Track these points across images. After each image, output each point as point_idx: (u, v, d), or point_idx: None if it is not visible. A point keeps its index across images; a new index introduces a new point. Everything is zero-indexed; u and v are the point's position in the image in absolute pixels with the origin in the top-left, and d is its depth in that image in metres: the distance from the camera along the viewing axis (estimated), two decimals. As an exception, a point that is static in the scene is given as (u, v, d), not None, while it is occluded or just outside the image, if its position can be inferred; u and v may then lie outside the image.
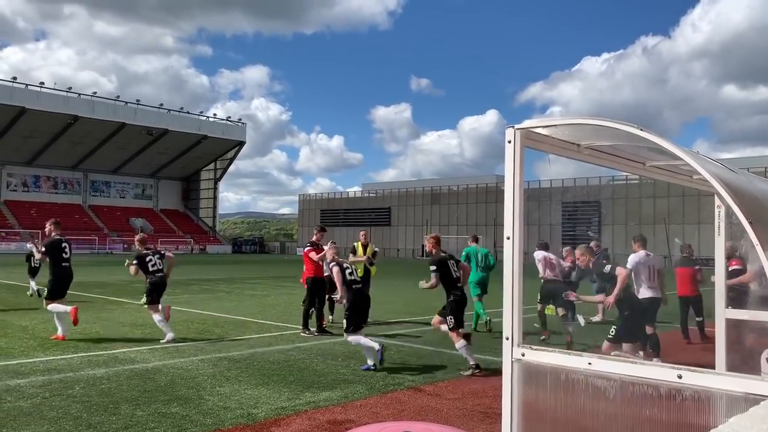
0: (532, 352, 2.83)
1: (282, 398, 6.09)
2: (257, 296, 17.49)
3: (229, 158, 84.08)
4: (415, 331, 10.98)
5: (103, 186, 79.40)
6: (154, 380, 6.75)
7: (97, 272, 27.86)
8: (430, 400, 6.14)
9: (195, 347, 8.90)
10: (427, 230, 71.40)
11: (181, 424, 5.19)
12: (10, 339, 9.28)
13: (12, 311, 12.75)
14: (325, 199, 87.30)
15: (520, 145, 2.83)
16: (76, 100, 67.43)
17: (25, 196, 72.36)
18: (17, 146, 68.52)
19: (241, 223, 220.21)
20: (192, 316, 12.60)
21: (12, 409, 5.52)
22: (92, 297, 16.11)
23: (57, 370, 7.21)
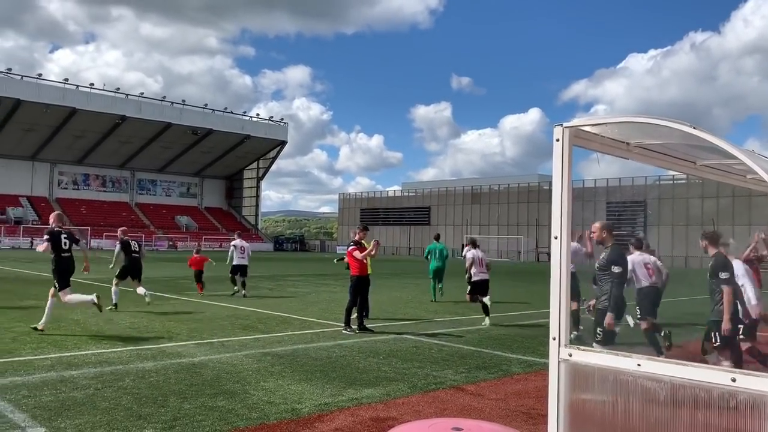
0: (579, 353, 2.81)
1: (325, 394, 6.16)
2: (299, 293, 17.70)
3: (271, 157, 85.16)
4: (457, 331, 10.95)
5: (149, 184, 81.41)
6: (200, 374, 6.90)
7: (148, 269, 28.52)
8: (472, 400, 6.13)
9: (239, 343, 9.06)
10: (467, 230, 71.09)
11: (228, 417, 5.30)
12: (63, 332, 9.61)
13: (64, 305, 13.14)
14: (365, 198, 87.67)
15: (568, 143, 2.81)
16: (123, 101, 69.27)
17: (75, 194, 74.71)
18: (68, 145, 70.79)
19: (283, 221, 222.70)
20: (236, 312, 12.83)
21: (67, 399, 5.72)
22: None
23: (108, 362, 7.44)
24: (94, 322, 10.69)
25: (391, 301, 15.61)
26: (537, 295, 18.32)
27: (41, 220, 67.25)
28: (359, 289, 10.62)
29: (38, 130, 66.57)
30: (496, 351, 8.87)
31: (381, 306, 14.47)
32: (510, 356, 8.52)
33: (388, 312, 13.48)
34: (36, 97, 62.24)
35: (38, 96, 62.56)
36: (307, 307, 13.91)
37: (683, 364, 2.45)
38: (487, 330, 11.01)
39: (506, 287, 22.35)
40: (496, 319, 12.39)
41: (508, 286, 23.50)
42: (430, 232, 76.32)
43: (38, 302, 13.58)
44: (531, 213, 68.96)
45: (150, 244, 66.10)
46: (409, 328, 11.11)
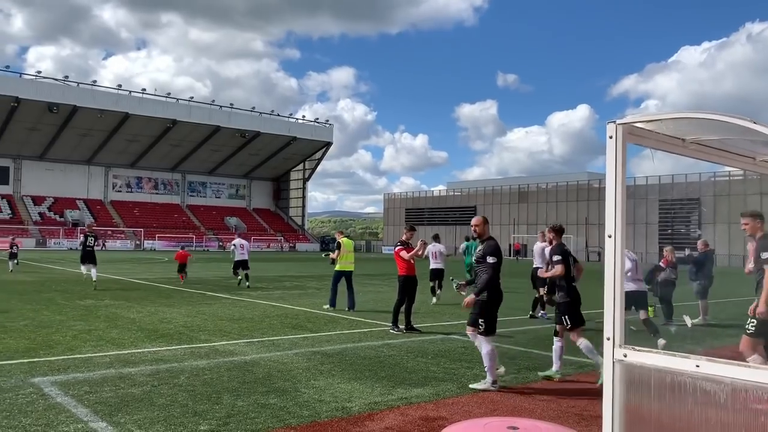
0: (634, 353, 2.75)
1: (374, 393, 6.20)
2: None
3: (317, 159, 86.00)
4: (506, 331, 10.84)
5: (199, 186, 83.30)
6: (252, 372, 7.04)
7: (196, 269, 29.22)
8: (522, 401, 6.07)
9: (289, 341, 9.20)
10: (515, 229, 70.28)
11: (280, 414, 5.39)
12: (120, 330, 9.93)
13: (121, 304, 13.61)
14: (410, 198, 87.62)
15: (622, 140, 2.76)
16: (174, 105, 71.06)
17: (128, 196, 77.03)
18: (122, 150, 73.04)
19: (328, 221, 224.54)
20: (286, 311, 13.02)
21: (126, 395, 5.92)
22: (192, 292, 16.95)
23: (163, 360, 7.66)
24: (149, 321, 11.01)
25: (439, 302, 15.57)
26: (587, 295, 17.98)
27: (97, 222, 69.63)
28: (407, 289, 10.63)
29: (93, 135, 68.90)
30: (546, 352, 8.75)
31: (428, 306, 14.45)
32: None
33: (436, 312, 13.46)
34: (91, 103, 64.41)
35: (93, 102, 64.73)
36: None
37: (745, 366, 2.38)
38: (536, 331, 10.87)
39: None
40: (544, 320, 12.23)
41: (557, 285, 23.13)
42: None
43: (96, 301, 14.09)
44: (580, 211, 67.71)
45: (201, 245, 67.68)
46: (457, 328, 11.06)
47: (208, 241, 70.26)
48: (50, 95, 62.05)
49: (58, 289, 16.92)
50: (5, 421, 5.05)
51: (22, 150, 68.49)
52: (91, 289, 16.65)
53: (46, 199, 70.44)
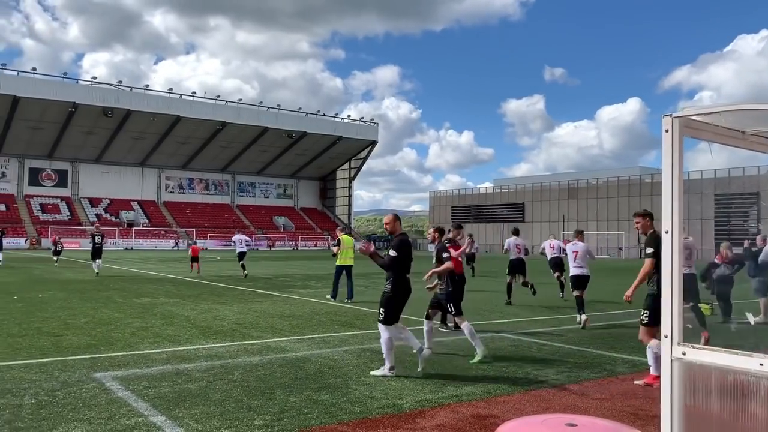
0: (693, 351, 2.69)
1: (425, 390, 6.21)
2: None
3: (363, 157, 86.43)
4: (557, 330, 10.71)
5: (248, 187, 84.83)
6: (303, 368, 7.14)
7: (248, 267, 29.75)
8: (576, 399, 5.99)
9: (339, 338, 9.30)
10: (564, 226, 69.08)
11: (332, 411, 5.46)
12: (176, 327, 10.22)
13: (176, 302, 13.98)
14: (456, 196, 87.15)
15: (678, 134, 2.70)
16: (223, 107, 72.50)
17: (180, 197, 79.02)
18: (173, 152, 74.96)
19: (374, 220, 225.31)
20: (334, 308, 13.15)
21: (183, 391, 6.09)
22: (243, 290, 17.29)
23: (218, 356, 7.84)
24: (203, 318, 11.29)
25: (487, 300, 15.47)
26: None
27: (150, 223, 71.66)
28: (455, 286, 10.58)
29: (146, 138, 70.92)
30: (599, 350, 8.61)
31: (477, 304, 14.36)
32: (614, 356, 8.25)
33: (485, 310, 13.37)
34: (144, 107, 66.33)
35: (146, 106, 66.64)
36: (403, 305, 14.02)
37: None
38: (589, 329, 10.69)
39: (607, 285, 21.55)
40: (597, 318, 12.02)
41: (610, 283, 22.66)
42: (524, 229, 75.07)
43: (152, 299, 14.52)
44: (632, 207, 65.99)
45: (250, 244, 68.94)
46: (507, 326, 10.98)
47: (257, 241, 71.48)
48: (105, 100, 64.17)
49: (116, 288, 17.50)
50: (71, 413, 5.27)
51: (79, 153, 71.04)
52: (106, 282, 17.17)
53: (102, 201, 72.89)
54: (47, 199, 69.76)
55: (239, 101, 75.35)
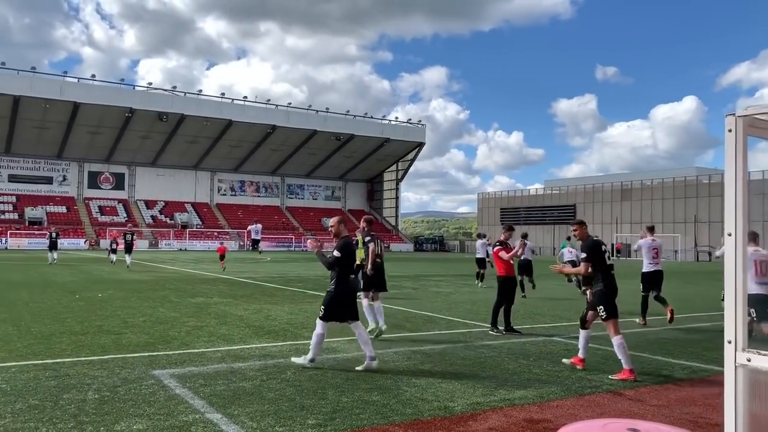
0: (759, 358, 2.61)
1: (476, 394, 6.18)
2: (442, 293, 17.81)
3: (410, 159, 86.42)
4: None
5: (297, 189, 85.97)
6: (354, 369, 7.20)
7: (296, 267, 30.20)
8: (632, 405, 5.86)
9: (389, 340, 9.33)
10: (618, 228, 67.53)
11: (383, 411, 5.49)
12: (230, 327, 10.44)
13: (229, 302, 14.28)
14: (505, 197, 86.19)
15: (742, 133, 2.62)
16: (274, 111, 73.67)
17: (232, 199, 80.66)
18: (225, 155, 76.58)
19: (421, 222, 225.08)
20: (384, 310, 13.17)
21: (237, 389, 6.23)
22: (294, 290, 17.53)
23: (270, 355, 7.98)
24: (256, 318, 11.49)
25: (538, 303, 15.27)
26: (698, 297, 17.04)
27: (204, 224, 73.37)
28: (506, 289, 10.50)
29: (200, 142, 72.66)
30: (655, 356, 8.40)
31: (528, 307, 14.20)
32: (672, 361, 8.03)
33: (536, 313, 13.20)
34: (197, 112, 67.97)
35: (199, 110, 68.29)
36: (452, 307, 13.98)
37: None
38: (645, 334, 10.44)
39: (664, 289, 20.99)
40: (654, 323, 11.72)
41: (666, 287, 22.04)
42: (575, 230, 73.60)
43: (207, 299, 14.87)
44: (689, 209, 64.13)
45: (300, 245, 69.82)
46: (559, 330, 10.81)
47: (306, 242, 72.33)
48: (160, 105, 66.06)
49: (171, 288, 17.99)
50: (132, 409, 5.45)
51: (135, 157, 73.34)
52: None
53: (158, 203, 75.01)
54: (105, 201, 72.25)
55: (289, 105, 76.41)
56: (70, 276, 22.32)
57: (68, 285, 18.39)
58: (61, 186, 71.01)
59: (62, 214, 67.29)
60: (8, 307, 12.77)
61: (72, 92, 61.95)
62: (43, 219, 65.02)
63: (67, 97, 61.18)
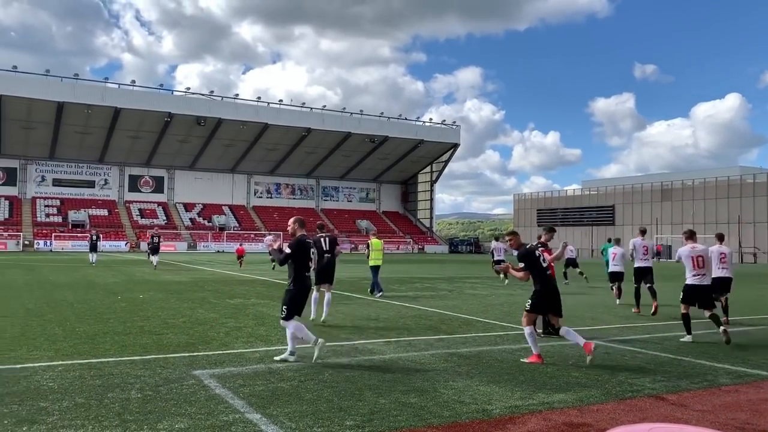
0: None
1: (515, 397, 6.12)
2: (478, 295, 17.70)
3: (444, 160, 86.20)
4: (652, 338, 10.28)
5: (332, 191, 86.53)
6: (391, 371, 7.21)
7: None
8: (674, 410, 5.73)
9: (425, 342, 9.31)
10: (658, 229, 66.15)
11: (421, 414, 5.48)
12: (268, 328, 10.56)
13: (267, 303, 14.44)
14: (541, 198, 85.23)
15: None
16: (309, 114, 74.33)
17: (268, 201, 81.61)
18: (262, 158, 77.55)
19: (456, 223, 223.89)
20: (419, 312, 13.18)
21: (276, 389, 6.29)
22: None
23: (308, 357, 8.02)
24: (293, 320, 11.58)
25: (577, 306, 15.05)
26: (743, 300, 16.58)
27: (241, 226, 74.37)
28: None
29: (236, 146, 73.72)
30: (699, 360, 8.20)
31: (566, 310, 13.99)
32: (716, 366, 7.83)
33: (574, 316, 13.01)
34: (234, 116, 69.03)
35: (236, 114, 69.35)
36: (488, 310, 13.88)
37: None
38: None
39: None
40: (695, 327, 11.44)
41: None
42: (614, 232, 72.46)
43: (244, 300, 15.05)
44: (732, 209, 62.46)
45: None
46: (598, 333, 10.64)
47: (341, 243, 72.69)
48: (198, 109, 67.28)
49: (210, 289, 18.27)
50: (174, 408, 5.56)
51: (174, 161, 74.78)
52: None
53: (196, 206, 76.34)
54: (145, 204, 73.84)
55: (323, 108, 76.98)
56: (112, 277, 22.86)
57: (110, 286, 18.83)
58: (103, 189, 72.83)
59: (104, 217, 68.99)
60: (54, 307, 13.14)
61: (113, 98, 63.52)
62: (85, 222, 66.75)
63: (109, 103, 62.76)
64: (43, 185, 69.91)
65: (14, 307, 12.97)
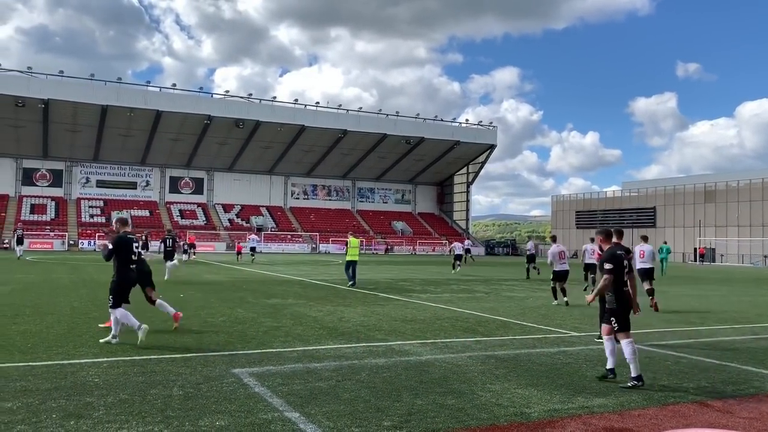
0: None
1: (554, 400, 6.05)
2: (515, 298, 17.53)
3: (481, 162, 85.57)
4: (695, 342, 10.04)
5: (368, 192, 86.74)
6: (428, 372, 7.19)
7: (367, 271, 30.44)
8: (720, 417, 5.59)
9: (462, 344, 9.26)
10: (700, 232, 64.52)
11: (458, 416, 5.46)
12: (305, 327, 10.65)
13: (303, 303, 14.56)
14: (580, 200, 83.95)
15: None
16: (345, 116, 74.68)
17: (305, 203, 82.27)
18: (298, 159, 78.21)
19: (492, 225, 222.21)
20: (456, 314, 13.12)
21: (314, 389, 6.34)
22: (365, 293, 17.68)
23: (345, 357, 8.08)
24: (330, 320, 11.67)
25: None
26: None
27: (278, 227, 75.15)
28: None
29: (274, 147, 74.51)
30: (745, 366, 7.97)
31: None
32: (763, 372, 7.60)
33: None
34: (271, 118, 69.80)
35: (273, 116, 70.10)
36: (526, 312, 13.74)
37: None
38: (732, 343, 9.93)
39: (751, 296, 19.95)
40: (741, 332, 11.14)
41: (753, 294, 20.90)
42: (656, 234, 71.02)
43: (282, 300, 15.21)
44: (778, 211, 60.52)
45: (370, 248, 70.43)
46: (638, 337, 10.42)
47: (376, 245, 72.81)
48: (237, 112, 68.21)
49: (248, 289, 18.51)
50: (214, 405, 5.65)
51: (214, 163, 75.98)
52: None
53: (234, 207, 77.40)
54: (185, 205, 75.19)
55: (359, 109, 77.24)
56: (153, 276, 23.29)
57: (152, 285, 19.20)
58: (145, 191, 74.43)
59: (146, 218, 70.49)
60: (99, 306, 13.48)
61: (154, 101, 64.87)
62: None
63: (150, 106, 64.12)
64: (88, 186, 71.79)
65: (61, 306, 13.36)
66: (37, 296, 15.21)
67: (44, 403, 5.62)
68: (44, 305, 13.34)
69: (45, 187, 69.89)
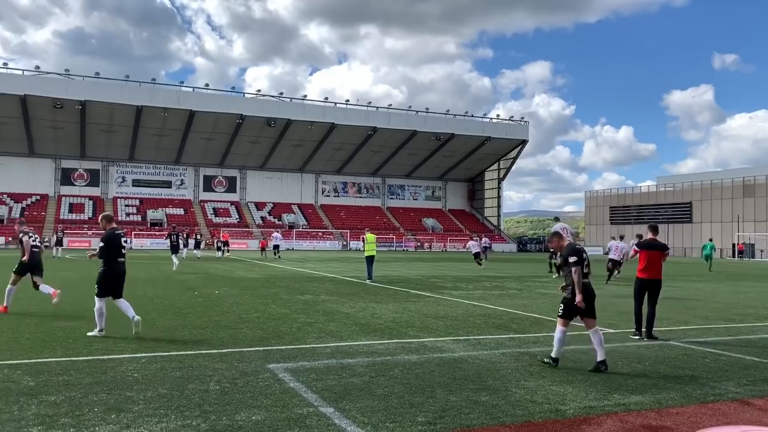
0: None
1: (589, 398, 5.99)
2: (548, 295, 17.35)
3: (512, 158, 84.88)
4: (735, 339, 9.83)
5: (398, 189, 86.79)
6: (461, 369, 7.18)
7: (398, 267, 30.48)
8: (762, 416, 5.47)
9: (496, 341, 9.23)
10: (739, 227, 63.00)
11: (493, 412, 5.45)
12: (337, 324, 10.72)
13: (336, 300, 14.66)
14: (614, 195, 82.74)
15: None
16: (374, 113, 74.80)
17: (335, 200, 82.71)
18: (329, 157, 78.65)
19: (524, 221, 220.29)
20: (488, 311, 13.06)
21: (348, 384, 6.39)
22: (397, 290, 17.71)
23: (378, 353, 8.12)
24: (362, 316, 11.73)
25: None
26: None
27: (309, 225, 75.69)
28: (640, 293, 10.12)
29: (305, 146, 75.07)
30: (787, 364, 7.77)
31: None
32: (806, 370, 7.40)
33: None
34: (302, 116, 70.33)
35: (304, 115, 70.63)
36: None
37: None
38: (773, 340, 9.68)
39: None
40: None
41: (795, 290, 20.34)
42: (692, 230, 69.66)
43: (315, 296, 15.33)
44: (821, 205, 58.76)
45: (401, 245, 70.46)
46: (676, 334, 10.27)
47: (407, 242, 72.81)
48: (268, 111, 68.90)
49: (281, 285, 18.70)
50: (250, 400, 5.74)
51: (246, 161, 76.88)
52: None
53: (267, 205, 78.24)
54: (219, 203, 76.27)
55: (389, 106, 77.29)
56: (189, 274, 23.72)
57: (187, 282, 19.56)
58: (179, 189, 75.69)
59: (180, 216, 71.66)
60: (136, 302, 13.73)
61: (188, 101, 65.91)
62: (163, 220, 69.54)
63: (184, 106, 65.16)
64: (124, 186, 73.30)
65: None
66: (75, 293, 15.60)
67: (86, 396, 5.77)
68: (83, 302, 13.67)
69: (83, 186, 71.58)
